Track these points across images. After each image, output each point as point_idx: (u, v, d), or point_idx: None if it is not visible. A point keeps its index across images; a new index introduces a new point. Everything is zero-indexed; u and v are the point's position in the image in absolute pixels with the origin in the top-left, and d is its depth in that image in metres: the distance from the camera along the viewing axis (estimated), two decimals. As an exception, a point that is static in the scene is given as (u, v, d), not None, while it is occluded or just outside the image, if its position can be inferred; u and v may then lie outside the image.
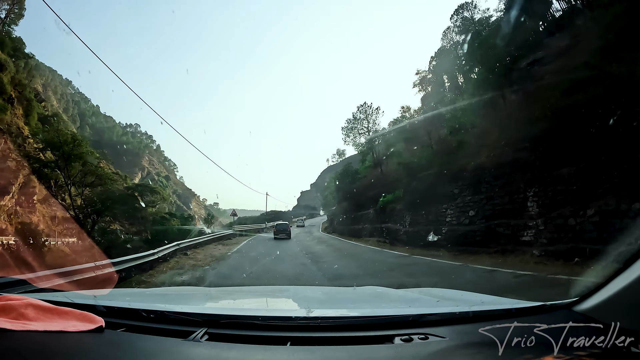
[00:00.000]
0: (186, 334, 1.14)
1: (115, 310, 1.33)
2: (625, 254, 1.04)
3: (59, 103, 78.82)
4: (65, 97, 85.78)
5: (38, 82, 61.88)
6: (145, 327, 1.21)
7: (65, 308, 1.18)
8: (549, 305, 1.29)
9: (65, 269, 5.81)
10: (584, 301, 1.20)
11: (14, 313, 1.06)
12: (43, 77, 75.86)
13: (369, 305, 1.92)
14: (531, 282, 6.78)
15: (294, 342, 1.12)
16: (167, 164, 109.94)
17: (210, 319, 1.25)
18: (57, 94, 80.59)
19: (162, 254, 10.66)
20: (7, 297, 1.11)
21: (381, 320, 1.31)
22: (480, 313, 1.31)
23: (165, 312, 1.29)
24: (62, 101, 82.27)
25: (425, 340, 1.11)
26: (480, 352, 1.03)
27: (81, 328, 1.09)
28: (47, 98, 72.07)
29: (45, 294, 1.57)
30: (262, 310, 1.81)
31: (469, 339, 1.10)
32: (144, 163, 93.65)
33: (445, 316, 1.27)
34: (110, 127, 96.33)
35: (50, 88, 77.69)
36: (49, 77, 79.26)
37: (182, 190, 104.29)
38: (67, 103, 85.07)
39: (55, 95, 79.31)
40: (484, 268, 8.72)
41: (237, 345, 1.09)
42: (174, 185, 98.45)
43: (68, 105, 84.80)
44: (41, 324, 1.06)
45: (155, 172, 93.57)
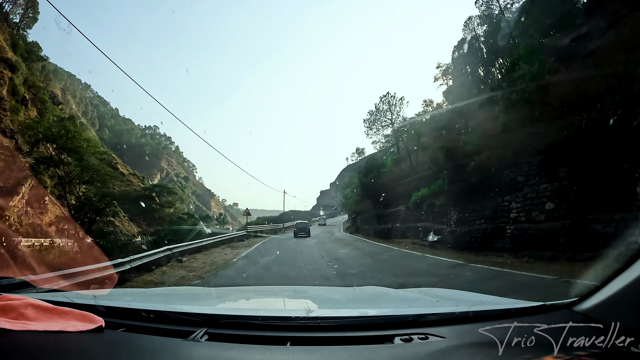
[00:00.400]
0: (186, 334, 1.14)
1: (115, 310, 1.32)
2: (625, 253, 1.04)
3: (77, 106, 79.59)
4: (84, 101, 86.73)
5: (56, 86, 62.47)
6: (145, 327, 1.21)
7: (65, 308, 1.17)
8: (549, 305, 1.28)
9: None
10: (583, 301, 1.19)
11: (13, 313, 1.05)
12: (62, 82, 76.62)
13: (369, 305, 1.91)
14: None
15: (294, 342, 1.11)
16: (186, 165, 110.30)
17: (210, 319, 1.25)
18: (75, 98, 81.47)
19: (139, 262, 8.22)
20: (7, 297, 1.10)
21: (381, 320, 1.31)
22: (480, 313, 1.30)
23: (165, 312, 1.28)
24: (81, 104, 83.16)
25: (425, 340, 1.10)
26: (480, 352, 1.02)
27: (81, 328, 1.08)
28: (66, 102, 72.65)
29: (45, 294, 1.62)
30: (262, 310, 1.77)
31: (469, 339, 1.09)
32: (163, 164, 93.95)
33: (445, 316, 1.26)
34: (129, 129, 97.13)
35: (69, 92, 78.53)
36: (67, 81, 79.99)
37: (202, 191, 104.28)
38: (86, 106, 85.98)
39: (74, 98, 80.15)
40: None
41: (237, 345, 1.09)
42: (193, 186, 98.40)
43: (87, 108, 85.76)
44: (41, 324, 1.05)
45: (174, 173, 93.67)
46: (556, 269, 7.62)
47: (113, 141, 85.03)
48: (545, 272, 7.37)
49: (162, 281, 8.05)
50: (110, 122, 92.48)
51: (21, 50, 32.38)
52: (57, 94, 62.35)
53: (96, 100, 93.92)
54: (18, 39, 33.59)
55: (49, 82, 47.96)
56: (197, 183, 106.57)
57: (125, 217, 31.14)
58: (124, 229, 28.81)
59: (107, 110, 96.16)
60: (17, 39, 33.41)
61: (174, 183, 77.12)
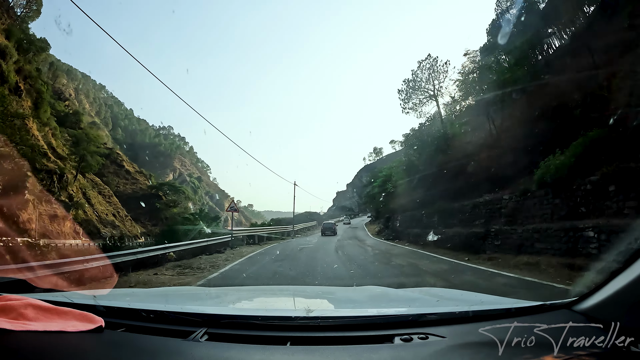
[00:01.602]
0: (186, 334, 1.14)
1: (115, 310, 1.33)
2: (625, 253, 1.03)
3: (91, 106, 79.09)
4: (98, 101, 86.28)
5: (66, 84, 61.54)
6: (145, 327, 1.21)
7: (64, 308, 1.17)
8: (549, 304, 1.28)
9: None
10: (583, 301, 1.19)
11: (13, 313, 1.04)
12: (75, 81, 76.04)
13: (369, 305, 1.89)
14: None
15: (294, 342, 1.11)
16: (200, 166, 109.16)
17: (210, 318, 1.25)
18: (89, 97, 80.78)
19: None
20: (7, 297, 1.10)
21: (381, 320, 1.30)
22: (480, 313, 1.29)
23: (165, 312, 1.28)
24: (94, 104, 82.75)
25: (425, 340, 1.09)
26: (480, 352, 1.01)
27: (81, 328, 1.08)
28: (79, 101, 71.98)
29: (45, 294, 1.58)
30: (262, 310, 1.74)
31: (469, 338, 1.09)
32: (176, 164, 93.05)
33: (445, 316, 1.25)
34: (142, 129, 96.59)
35: (82, 92, 77.85)
36: (81, 81, 79.54)
37: (215, 191, 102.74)
38: (100, 107, 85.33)
39: (88, 98, 79.50)
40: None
41: (236, 345, 1.09)
42: (207, 187, 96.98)
43: (100, 108, 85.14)
44: (41, 324, 1.05)
45: (187, 173, 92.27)
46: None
47: (128, 141, 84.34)
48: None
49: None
50: (124, 122, 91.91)
51: (16, 37, 30.31)
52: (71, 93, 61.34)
53: (110, 100, 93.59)
54: (13, 27, 31.58)
55: (56, 79, 46.84)
56: (212, 184, 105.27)
57: (128, 217, 29.14)
58: (125, 230, 26.74)
59: (122, 111, 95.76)
60: (12, 27, 31.39)
61: (187, 183, 75.40)
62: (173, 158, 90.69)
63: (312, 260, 11.74)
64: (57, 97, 42.79)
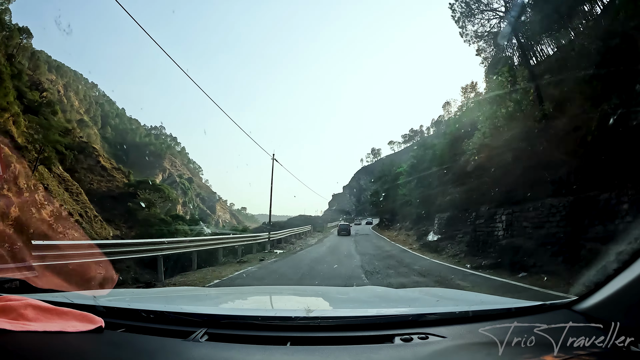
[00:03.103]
0: (186, 334, 1.13)
1: (115, 310, 1.32)
2: (625, 253, 1.01)
3: (80, 104, 77.48)
4: (88, 99, 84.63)
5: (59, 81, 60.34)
6: (145, 328, 1.20)
7: (64, 308, 1.16)
8: (549, 304, 1.28)
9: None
10: (583, 301, 1.18)
11: (13, 313, 1.03)
12: (65, 78, 74.65)
13: (369, 305, 1.89)
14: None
15: (294, 342, 1.10)
16: (192, 167, 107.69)
17: (210, 319, 1.24)
18: (79, 95, 79.26)
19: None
20: (7, 298, 1.09)
21: (381, 320, 1.29)
22: (480, 313, 1.29)
23: (165, 312, 1.28)
24: (84, 102, 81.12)
25: (425, 340, 1.09)
26: (480, 352, 1.01)
27: (81, 328, 1.07)
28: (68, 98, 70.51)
29: (45, 294, 1.57)
30: (262, 310, 1.76)
31: (469, 338, 1.08)
32: (166, 164, 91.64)
33: (445, 316, 1.25)
34: (134, 129, 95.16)
35: (72, 89, 76.41)
36: (71, 78, 78.15)
37: (207, 193, 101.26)
38: (90, 105, 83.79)
39: (77, 96, 77.97)
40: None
41: (236, 345, 1.08)
42: (198, 188, 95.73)
43: (90, 107, 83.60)
44: (40, 324, 1.03)
45: (177, 174, 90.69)
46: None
47: (118, 140, 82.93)
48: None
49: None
50: (115, 121, 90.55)
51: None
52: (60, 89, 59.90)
53: (102, 99, 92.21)
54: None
55: (36, 69, 45.96)
56: (203, 185, 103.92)
57: (98, 218, 27.05)
58: (92, 232, 24.68)
59: (113, 110, 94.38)
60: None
61: (176, 184, 74.00)
62: (163, 158, 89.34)
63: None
64: (35, 87, 40.84)
